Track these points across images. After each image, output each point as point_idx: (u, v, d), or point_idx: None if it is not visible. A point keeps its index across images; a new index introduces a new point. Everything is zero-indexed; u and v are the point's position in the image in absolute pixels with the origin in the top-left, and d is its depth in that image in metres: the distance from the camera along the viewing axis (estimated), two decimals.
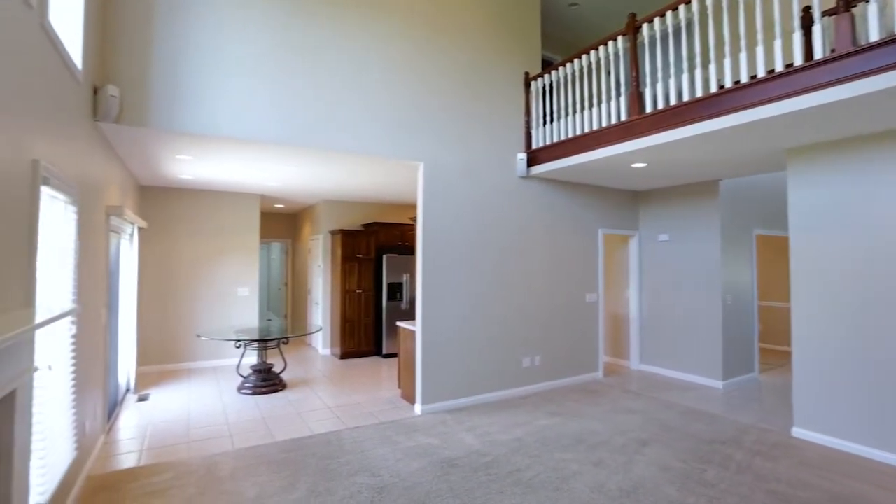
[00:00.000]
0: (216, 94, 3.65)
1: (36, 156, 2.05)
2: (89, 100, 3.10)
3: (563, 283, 5.62)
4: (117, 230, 4.36)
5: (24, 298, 1.96)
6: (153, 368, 6.20)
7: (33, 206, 2.02)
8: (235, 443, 3.76)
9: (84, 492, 2.93)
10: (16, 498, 1.72)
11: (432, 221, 4.66)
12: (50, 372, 2.20)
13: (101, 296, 3.56)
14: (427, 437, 3.87)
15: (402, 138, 4.49)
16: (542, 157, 5.15)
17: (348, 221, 7.67)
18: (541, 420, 4.32)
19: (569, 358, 5.64)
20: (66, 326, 2.61)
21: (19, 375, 1.74)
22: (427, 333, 4.57)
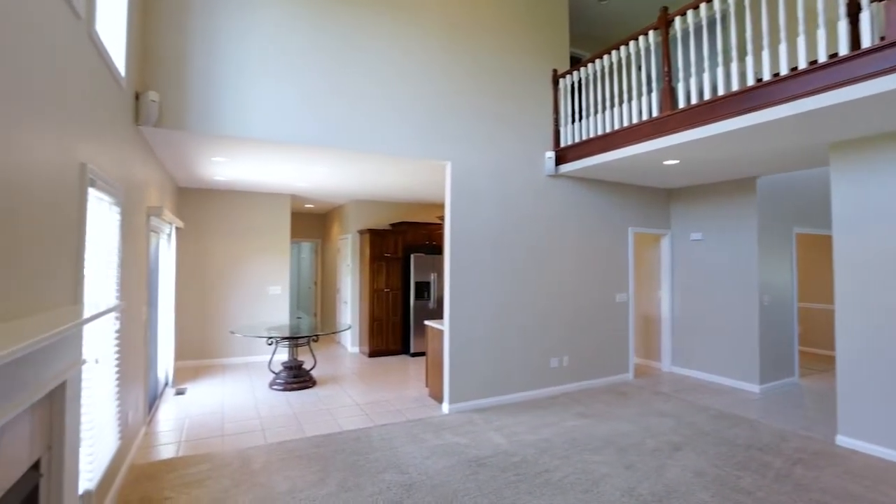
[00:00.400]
0: (249, 98, 3.75)
1: (83, 159, 2.16)
2: (131, 105, 3.23)
3: (593, 282, 5.54)
4: (157, 230, 4.53)
5: (73, 295, 2.07)
6: (190, 363, 6.42)
7: (81, 207, 2.12)
8: (267, 437, 3.85)
9: (127, 480, 3.07)
10: (67, 483, 1.81)
11: (460, 221, 4.66)
12: (96, 365, 2.31)
13: (142, 293, 3.71)
14: (455, 436, 3.88)
15: (429, 138, 4.51)
16: (571, 155, 5.08)
17: (376, 221, 7.75)
18: (569, 421, 4.26)
19: (598, 359, 5.55)
20: (111, 322, 2.73)
21: (69, 368, 1.83)
22: (455, 332, 4.58)
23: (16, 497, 1.48)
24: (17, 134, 1.51)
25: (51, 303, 1.83)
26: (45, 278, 1.76)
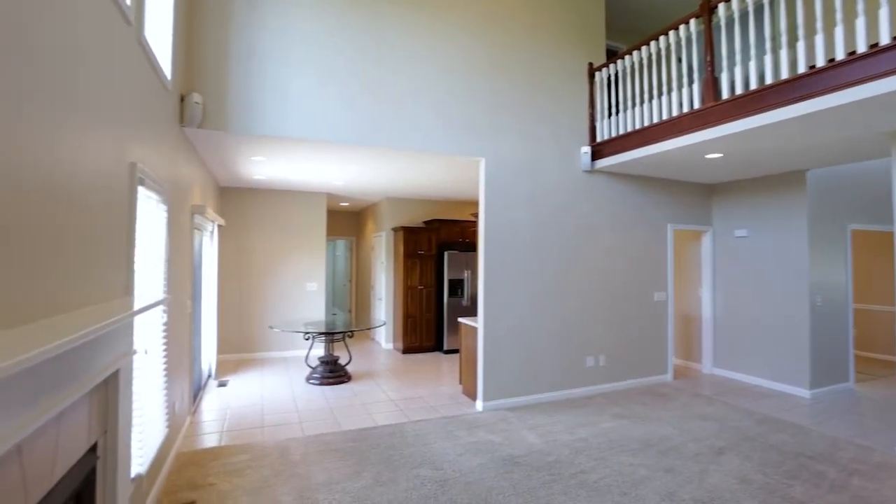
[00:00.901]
0: (287, 99, 3.83)
1: (133, 159, 2.26)
2: (176, 107, 3.36)
3: (630, 280, 5.40)
4: (200, 228, 4.71)
5: (125, 288, 2.17)
6: (231, 357, 6.65)
7: (131, 204, 2.23)
8: (305, 430, 3.94)
9: (175, 466, 3.20)
10: (121, 467, 1.91)
11: (494, 218, 4.63)
12: (146, 356, 2.42)
13: (186, 288, 3.87)
14: (488, 434, 3.86)
15: (463, 135, 4.50)
16: (607, 150, 4.97)
17: (410, 218, 7.81)
18: (606, 422, 4.17)
19: (635, 358, 5.41)
20: (159, 315, 2.85)
21: (122, 357, 1.92)
22: (489, 330, 4.55)
23: (76, 477, 1.57)
24: (76, 136, 1.60)
25: (105, 295, 1.92)
26: (101, 271, 1.86)
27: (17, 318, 1.25)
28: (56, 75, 1.46)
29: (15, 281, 1.24)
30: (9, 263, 1.20)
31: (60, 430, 1.46)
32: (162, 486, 2.90)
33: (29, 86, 1.30)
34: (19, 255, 1.26)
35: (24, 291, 1.29)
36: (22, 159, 1.26)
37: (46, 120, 1.40)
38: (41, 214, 1.37)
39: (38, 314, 1.37)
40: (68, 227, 1.56)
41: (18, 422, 1.14)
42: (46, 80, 1.40)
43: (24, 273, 1.29)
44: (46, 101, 1.40)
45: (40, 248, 1.37)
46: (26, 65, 1.28)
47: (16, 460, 1.19)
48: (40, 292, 1.38)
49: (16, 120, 1.23)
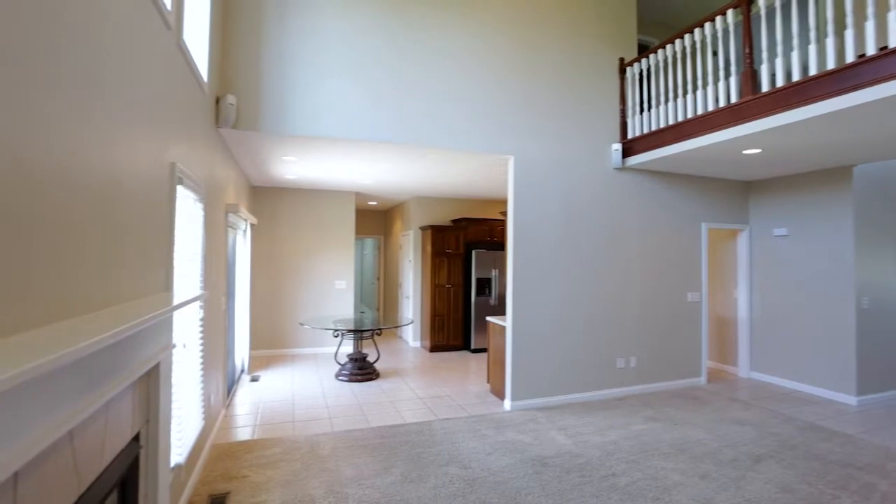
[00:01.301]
0: (319, 99, 3.89)
1: (173, 159, 2.33)
2: (212, 108, 3.46)
3: (662, 280, 5.27)
4: (234, 226, 4.84)
5: (165, 283, 2.24)
6: (263, 352, 6.81)
7: (171, 202, 2.30)
8: (334, 425, 4.00)
9: (210, 457, 3.30)
10: (161, 455, 1.97)
11: (523, 216, 4.59)
12: (184, 350, 2.50)
13: (221, 285, 3.97)
14: (517, 434, 3.83)
15: (492, 132, 4.48)
16: (639, 146, 4.86)
17: (438, 217, 7.83)
18: (637, 424, 4.08)
19: (668, 360, 5.27)
20: (196, 311, 2.94)
21: (162, 350, 1.99)
22: (517, 329, 4.52)
23: (121, 465, 1.63)
24: (120, 137, 1.66)
25: (147, 290, 1.99)
26: (144, 267, 1.92)
27: (66, 313, 1.31)
28: (104, 78, 1.52)
29: (64, 276, 1.29)
30: (56, 260, 1.26)
31: (108, 418, 1.52)
32: (199, 477, 2.99)
33: (80, 89, 1.35)
34: (67, 251, 1.31)
35: (74, 287, 1.35)
36: (71, 162, 1.32)
37: (93, 121, 1.46)
38: (88, 213, 1.43)
39: (87, 309, 1.43)
40: (114, 225, 1.62)
41: (71, 410, 1.19)
42: (96, 84, 1.45)
43: (73, 269, 1.34)
44: (95, 104, 1.46)
45: (87, 245, 1.43)
46: (77, 68, 1.33)
47: (68, 446, 1.24)
48: (88, 288, 1.44)
49: (66, 121, 1.29)
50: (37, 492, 1.10)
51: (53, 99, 1.21)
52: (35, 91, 1.13)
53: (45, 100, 1.17)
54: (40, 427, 1.06)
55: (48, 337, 1.07)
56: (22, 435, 0.99)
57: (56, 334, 1.10)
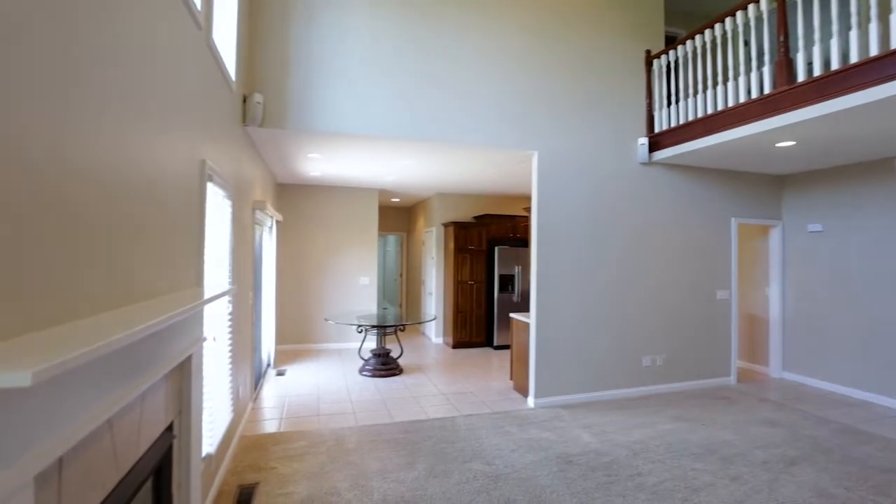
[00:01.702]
0: (343, 96, 3.93)
1: (203, 156, 2.39)
2: (240, 107, 3.52)
3: (690, 277, 5.14)
4: (260, 223, 4.93)
5: (196, 278, 2.30)
6: (288, 347, 6.93)
7: (201, 199, 2.35)
8: (358, 420, 4.04)
9: (239, 448, 3.38)
10: (194, 445, 2.03)
11: (547, 212, 4.55)
12: (214, 343, 2.57)
13: (248, 280, 4.05)
14: (541, 431, 3.80)
15: (516, 128, 4.44)
16: (666, 141, 4.75)
17: (461, 213, 7.82)
18: (664, 424, 4.00)
19: (695, 359, 5.15)
20: (225, 305, 3.01)
21: (193, 343, 2.04)
22: (541, 326, 4.48)
23: (156, 453, 1.68)
24: (154, 135, 1.70)
25: (180, 285, 2.05)
26: (176, 262, 1.98)
27: (102, 307, 1.35)
28: (139, 77, 1.56)
29: (102, 272, 1.34)
30: (95, 256, 1.30)
31: (143, 408, 1.57)
32: (228, 467, 3.06)
33: (116, 88, 1.39)
34: (107, 248, 1.35)
35: (112, 281, 1.39)
36: (108, 160, 1.36)
37: (129, 120, 1.50)
38: (125, 211, 1.47)
39: (122, 302, 1.47)
40: (148, 222, 1.67)
41: (111, 398, 1.23)
42: (131, 82, 1.49)
43: (111, 265, 1.39)
44: (130, 103, 1.50)
45: (124, 241, 1.47)
46: (116, 69, 1.37)
47: (108, 433, 1.28)
48: (124, 282, 1.48)
49: (106, 121, 1.33)
50: (80, 477, 1.14)
51: (97, 100, 1.25)
52: (79, 92, 1.16)
53: (89, 101, 1.21)
54: (83, 415, 1.10)
55: (89, 329, 1.10)
56: (66, 422, 1.03)
57: (95, 326, 1.14)
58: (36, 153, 1.01)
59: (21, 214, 0.96)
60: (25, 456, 0.88)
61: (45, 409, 0.95)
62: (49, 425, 0.97)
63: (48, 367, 0.70)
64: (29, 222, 0.99)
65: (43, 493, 0.99)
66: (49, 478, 1.01)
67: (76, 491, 1.13)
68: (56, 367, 0.71)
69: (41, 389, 0.93)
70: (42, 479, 0.98)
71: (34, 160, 1.00)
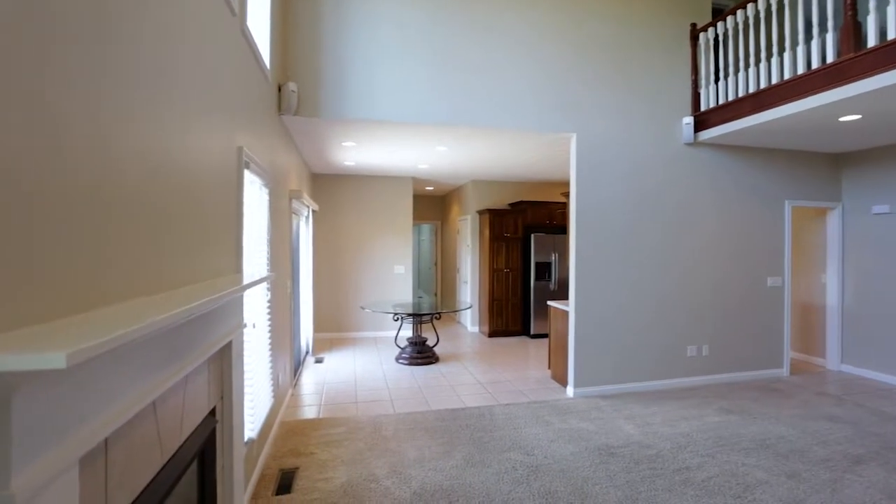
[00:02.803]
0: (377, 83, 3.88)
1: (240, 143, 2.39)
2: (275, 96, 3.53)
3: (739, 263, 4.88)
4: (297, 212, 4.98)
5: (235, 265, 2.32)
6: (326, 335, 7.04)
7: (239, 186, 2.36)
8: (396, 407, 4.05)
9: (279, 433, 3.44)
10: (236, 430, 2.06)
11: (586, 196, 4.39)
12: (253, 329, 2.60)
13: (286, 269, 4.11)
14: (581, 422, 3.70)
15: (554, 110, 4.29)
16: (713, 119, 4.48)
17: (496, 201, 7.70)
18: (711, 416, 3.83)
19: (744, 349, 4.90)
20: (263, 293, 3.04)
21: (234, 329, 2.06)
22: (580, 313, 4.36)
23: (199, 437, 1.70)
24: (194, 122, 1.70)
25: (219, 271, 2.06)
26: (216, 249, 1.99)
27: (144, 291, 1.35)
28: (174, 63, 1.55)
29: (141, 258, 1.34)
30: (135, 242, 1.30)
31: (186, 392, 1.58)
32: (269, 451, 3.12)
33: (151, 74, 1.38)
34: (148, 234, 1.35)
35: (151, 267, 1.39)
36: (149, 148, 1.36)
37: (165, 106, 1.49)
38: (166, 198, 1.47)
39: (163, 288, 1.48)
40: (189, 209, 1.67)
41: (154, 381, 1.23)
42: (166, 68, 1.48)
43: (150, 251, 1.39)
44: (167, 89, 1.49)
45: (166, 228, 1.48)
46: (155, 57, 1.36)
47: (152, 416, 1.29)
48: (165, 268, 1.49)
49: (146, 110, 1.32)
50: (125, 459, 1.15)
51: (137, 89, 1.24)
52: (112, 80, 1.15)
53: (125, 88, 1.20)
54: (126, 397, 1.10)
55: (126, 312, 1.10)
56: (111, 404, 1.03)
57: (130, 310, 1.14)
58: (71, 140, 1.00)
59: (54, 201, 0.95)
60: (70, 437, 0.88)
61: (90, 391, 0.95)
62: (94, 407, 0.97)
63: (83, 349, 0.68)
64: (63, 209, 0.98)
65: (88, 474, 0.99)
66: (95, 459, 1.02)
67: (122, 473, 1.14)
68: (91, 349, 0.69)
69: (84, 370, 0.93)
70: (88, 460, 0.99)
71: (69, 147, 0.99)
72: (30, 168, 0.86)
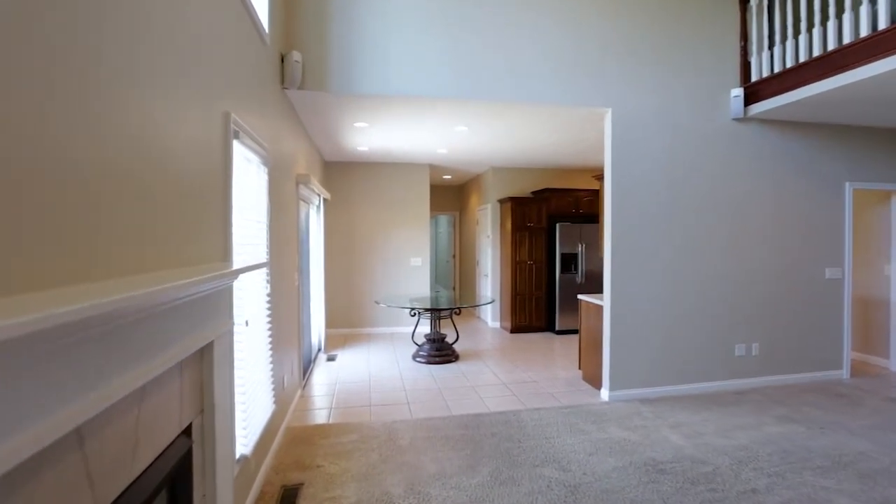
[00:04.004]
0: (388, 53, 3.50)
1: (227, 109, 2.02)
2: (277, 66, 3.17)
3: (793, 253, 4.37)
4: (306, 200, 4.63)
5: (222, 253, 1.96)
6: (339, 331, 6.72)
7: (226, 159, 2.00)
8: (413, 411, 3.69)
9: (284, 441, 3.10)
10: (221, 448, 1.70)
11: (622, 179, 3.94)
12: (247, 328, 2.25)
13: (293, 259, 3.76)
14: (621, 430, 3.28)
15: (586, 83, 3.85)
16: (767, 90, 3.98)
17: (517, 189, 7.25)
18: (770, 426, 3.36)
19: (798, 349, 4.40)
20: (262, 286, 2.69)
21: (218, 328, 1.70)
22: (616, 308, 3.92)
23: (165, 465, 1.35)
24: (168, 86, 1.33)
25: (199, 259, 1.71)
26: (195, 232, 1.63)
27: (84, 277, 0.99)
28: (146, 16, 1.17)
29: (89, 240, 0.97)
30: (81, 216, 0.93)
31: (142, 410, 1.22)
32: (271, 463, 2.78)
33: (117, 27, 1.01)
34: (104, 212, 0.99)
35: (106, 252, 1.03)
36: (103, 108, 0.98)
37: (133, 63, 1.12)
38: (127, 169, 1.10)
39: (115, 274, 1.11)
40: (158, 183, 1.31)
41: (81, 403, 0.87)
42: (137, 20, 1.11)
43: (102, 233, 1.02)
44: (134, 44, 1.12)
45: (124, 204, 1.11)
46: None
47: (75, 450, 0.93)
48: (124, 252, 1.12)
49: (101, 65, 0.95)
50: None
51: (92, 41, 0.87)
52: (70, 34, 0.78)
53: (85, 42, 0.83)
54: (28, 426, 0.73)
55: (45, 301, 0.74)
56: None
57: (65, 298, 0.77)
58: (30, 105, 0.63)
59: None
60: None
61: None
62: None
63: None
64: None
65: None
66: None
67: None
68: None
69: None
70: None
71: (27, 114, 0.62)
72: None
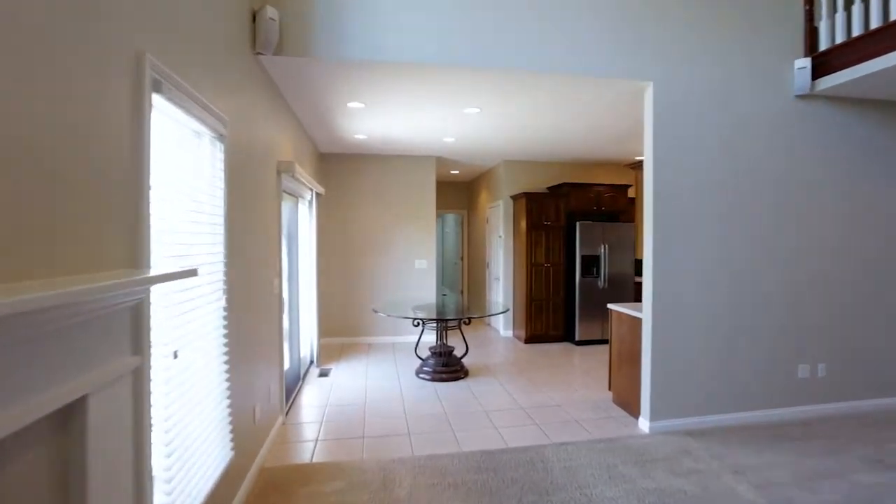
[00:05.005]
0: (384, 10, 2.87)
1: (142, 47, 1.40)
2: (246, 26, 2.57)
3: (868, 256, 3.68)
4: (293, 193, 4.02)
5: (127, 257, 1.34)
6: (335, 341, 6.10)
7: (138, 118, 1.38)
8: (415, 446, 3.05)
9: (255, 489, 2.49)
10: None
11: (665, 166, 3.29)
12: (175, 361, 1.62)
13: (272, 263, 3.15)
14: (671, 476, 2.63)
15: (622, 50, 3.20)
16: (839, 60, 3.31)
17: (531, 184, 6.59)
18: (860, 473, 2.69)
19: (874, 369, 3.71)
20: (215, 299, 2.07)
21: (100, 374, 1.08)
22: (658, 321, 3.27)
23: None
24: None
25: (90, 263, 1.10)
26: (73, 226, 1.01)
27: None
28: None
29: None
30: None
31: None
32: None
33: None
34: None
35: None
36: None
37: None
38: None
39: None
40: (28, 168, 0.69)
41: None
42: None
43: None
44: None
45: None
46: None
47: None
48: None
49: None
50: None
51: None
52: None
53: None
54: None
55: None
56: None
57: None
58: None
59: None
60: None
61: None
62: None
63: None
64: None
65: None
66: None
67: None
68: None
69: None
70: None
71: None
72: None
